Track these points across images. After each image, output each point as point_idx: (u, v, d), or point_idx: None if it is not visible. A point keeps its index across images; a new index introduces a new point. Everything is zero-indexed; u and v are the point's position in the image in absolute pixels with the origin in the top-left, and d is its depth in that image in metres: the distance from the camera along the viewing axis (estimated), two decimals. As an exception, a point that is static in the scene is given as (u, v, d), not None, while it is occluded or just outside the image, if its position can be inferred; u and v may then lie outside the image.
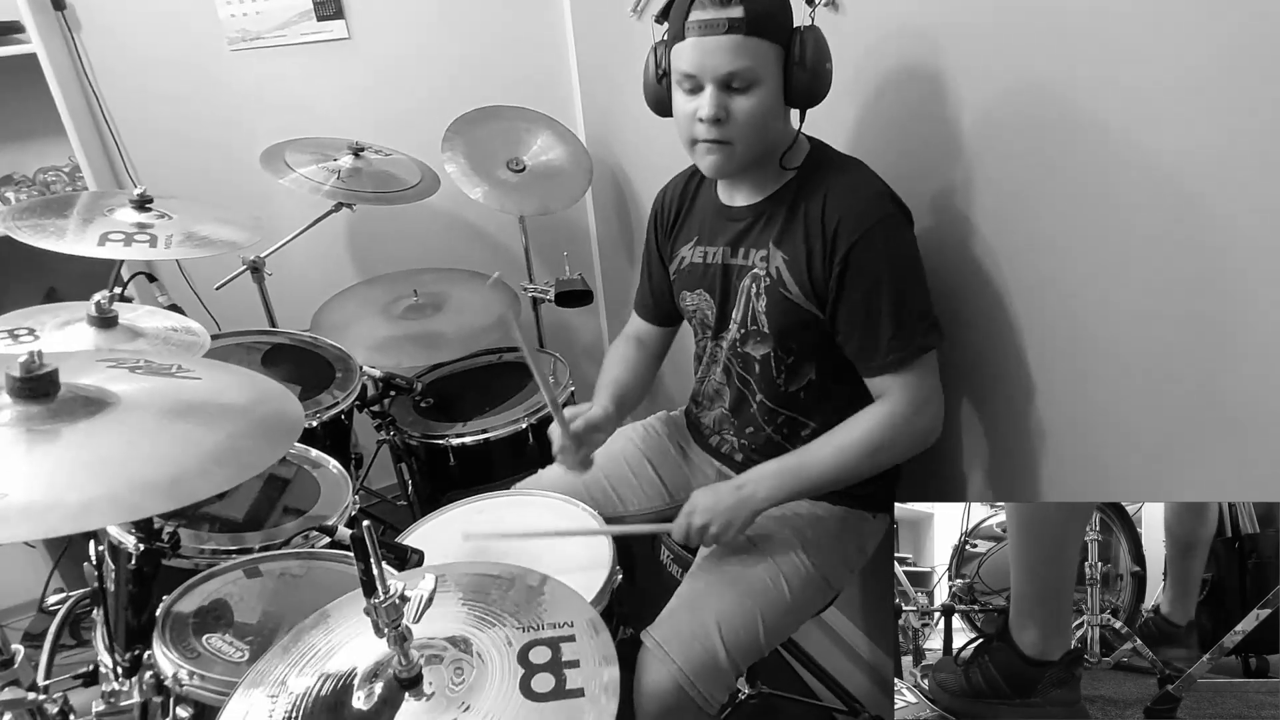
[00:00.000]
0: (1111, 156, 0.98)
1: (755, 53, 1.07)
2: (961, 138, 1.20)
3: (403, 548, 1.17)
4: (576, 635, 0.80)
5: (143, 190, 1.53)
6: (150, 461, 0.67)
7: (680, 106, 1.15)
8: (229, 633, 0.98)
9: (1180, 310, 0.96)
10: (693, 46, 1.09)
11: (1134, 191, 0.97)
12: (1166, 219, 0.94)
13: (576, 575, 1.19)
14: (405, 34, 2.22)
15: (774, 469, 1.21)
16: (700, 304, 1.34)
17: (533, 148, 2.18)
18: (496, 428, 1.82)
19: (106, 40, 1.95)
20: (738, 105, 1.11)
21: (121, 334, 1.24)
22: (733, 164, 1.17)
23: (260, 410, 0.82)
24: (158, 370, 0.85)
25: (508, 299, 2.06)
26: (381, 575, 0.71)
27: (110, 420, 0.73)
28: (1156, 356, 1.01)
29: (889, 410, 1.17)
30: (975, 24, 1.13)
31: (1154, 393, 1.02)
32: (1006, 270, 1.19)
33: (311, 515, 1.29)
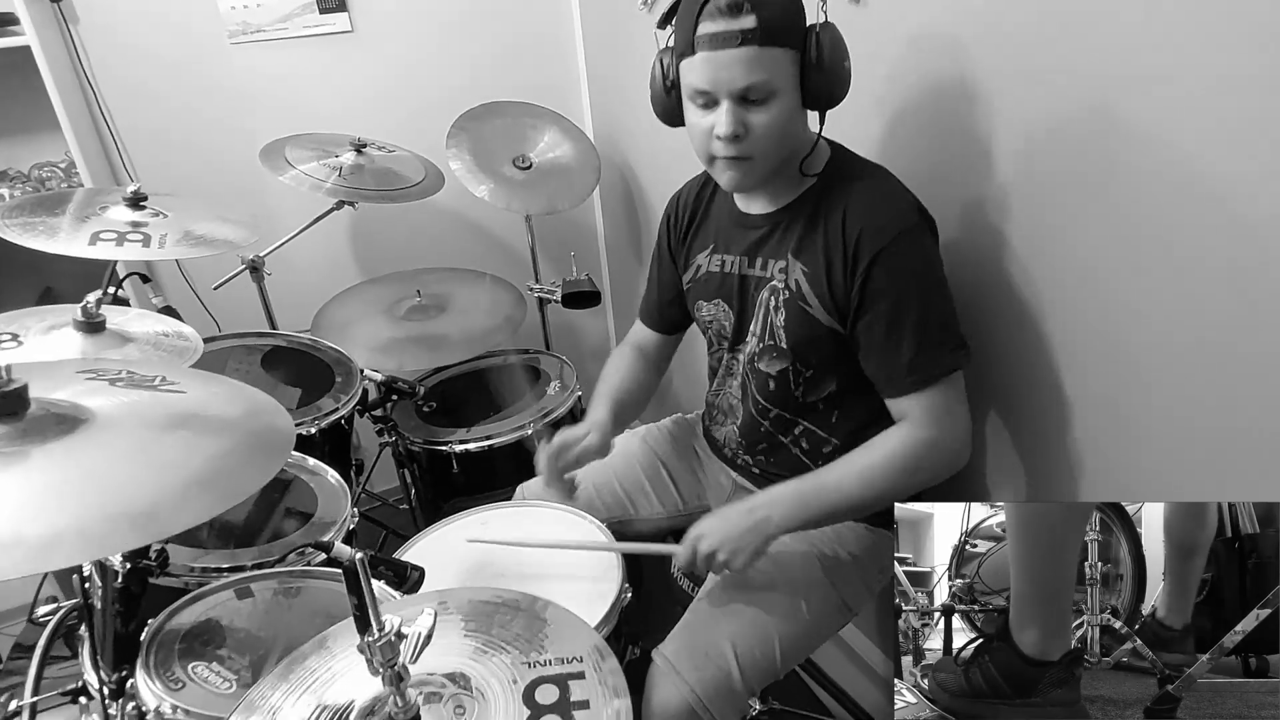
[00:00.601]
0: (1144, 161, 0.95)
1: (771, 63, 1.01)
2: (993, 140, 1.15)
3: (402, 565, 1.11)
4: (586, 672, 0.75)
5: (136, 188, 1.48)
6: (125, 489, 0.62)
7: (695, 122, 1.09)
8: (216, 661, 0.93)
9: (1180, 311, 0.94)
10: (704, 61, 1.02)
11: (1149, 191, 0.94)
12: (1174, 221, 0.92)
13: (584, 594, 1.14)
14: (410, 27, 2.16)
15: (791, 491, 1.13)
16: (717, 314, 1.29)
17: (539, 145, 2.13)
18: (501, 434, 1.77)
19: (104, 33, 1.90)
20: (756, 119, 1.04)
21: (109, 339, 1.19)
22: (753, 178, 1.11)
23: (248, 427, 0.77)
24: (139, 383, 0.80)
25: (513, 298, 2.02)
26: (376, 611, 0.66)
27: (83, 441, 0.67)
28: (1156, 357, 0.99)
29: (912, 433, 1.10)
30: (1011, 23, 1.08)
31: (1154, 393, 1.00)
32: (1006, 271, 1.16)
33: (310, 526, 1.25)
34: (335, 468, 1.42)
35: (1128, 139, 0.96)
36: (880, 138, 1.36)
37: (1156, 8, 0.89)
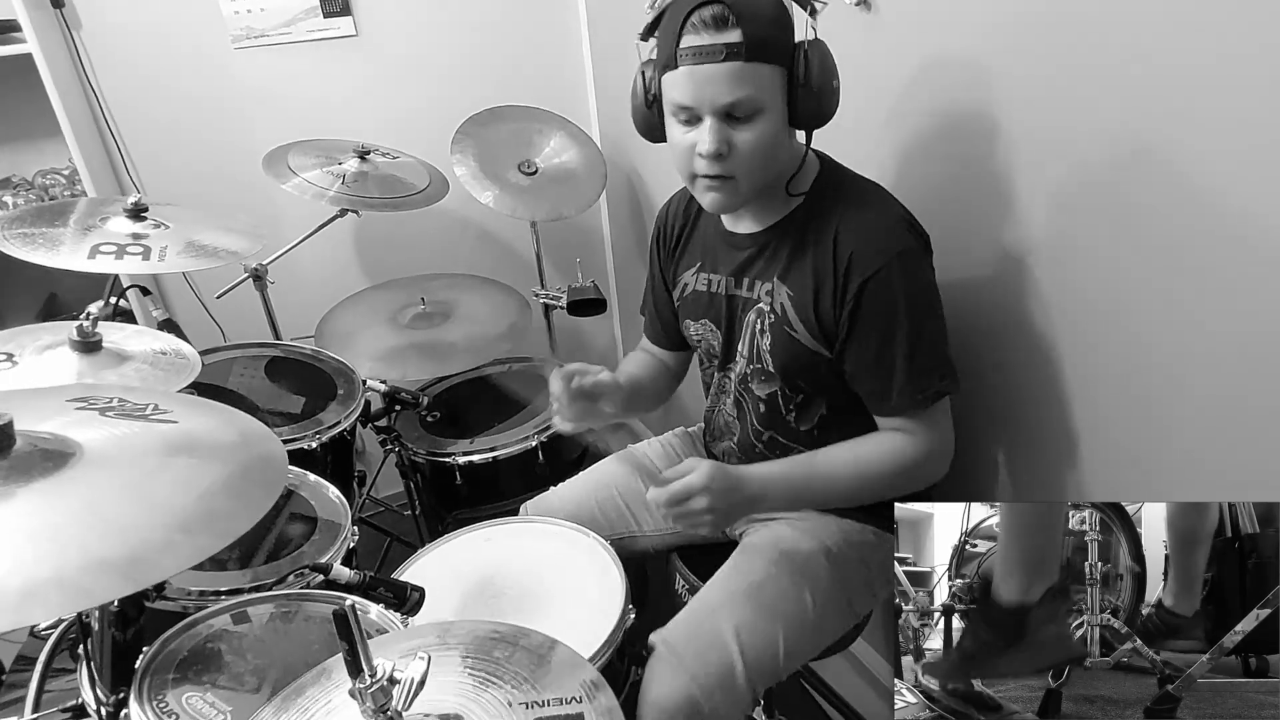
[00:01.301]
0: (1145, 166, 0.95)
1: (757, 79, 0.97)
2: (994, 146, 1.13)
3: (402, 585, 1.09)
4: (585, 714, 0.73)
5: (137, 199, 1.46)
6: (109, 533, 0.60)
7: (677, 139, 1.05)
8: (210, 690, 0.91)
9: (1180, 311, 0.94)
10: (687, 76, 0.99)
11: (1143, 191, 0.94)
12: (1172, 221, 0.92)
13: (586, 616, 1.12)
14: (414, 31, 2.14)
15: (784, 478, 1.12)
16: (705, 334, 1.26)
17: (545, 150, 2.10)
18: (505, 445, 1.75)
19: (106, 39, 1.89)
20: (740, 137, 1.01)
21: (106, 359, 1.17)
22: (737, 199, 1.08)
23: (240, 458, 0.75)
24: (130, 412, 0.78)
25: (518, 304, 1.99)
26: (368, 656, 0.64)
27: (69, 479, 0.65)
28: (1156, 357, 0.99)
29: (908, 440, 1.11)
30: (1021, 37, 1.06)
31: (1154, 393, 1.00)
32: (1007, 275, 1.15)
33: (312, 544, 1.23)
34: (337, 480, 1.40)
35: (1132, 145, 0.95)
36: (881, 148, 1.34)
37: (1176, 24, 0.87)
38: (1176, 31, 0.87)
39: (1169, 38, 0.88)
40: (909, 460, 1.11)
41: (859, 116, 1.31)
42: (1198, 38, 0.85)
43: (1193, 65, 0.86)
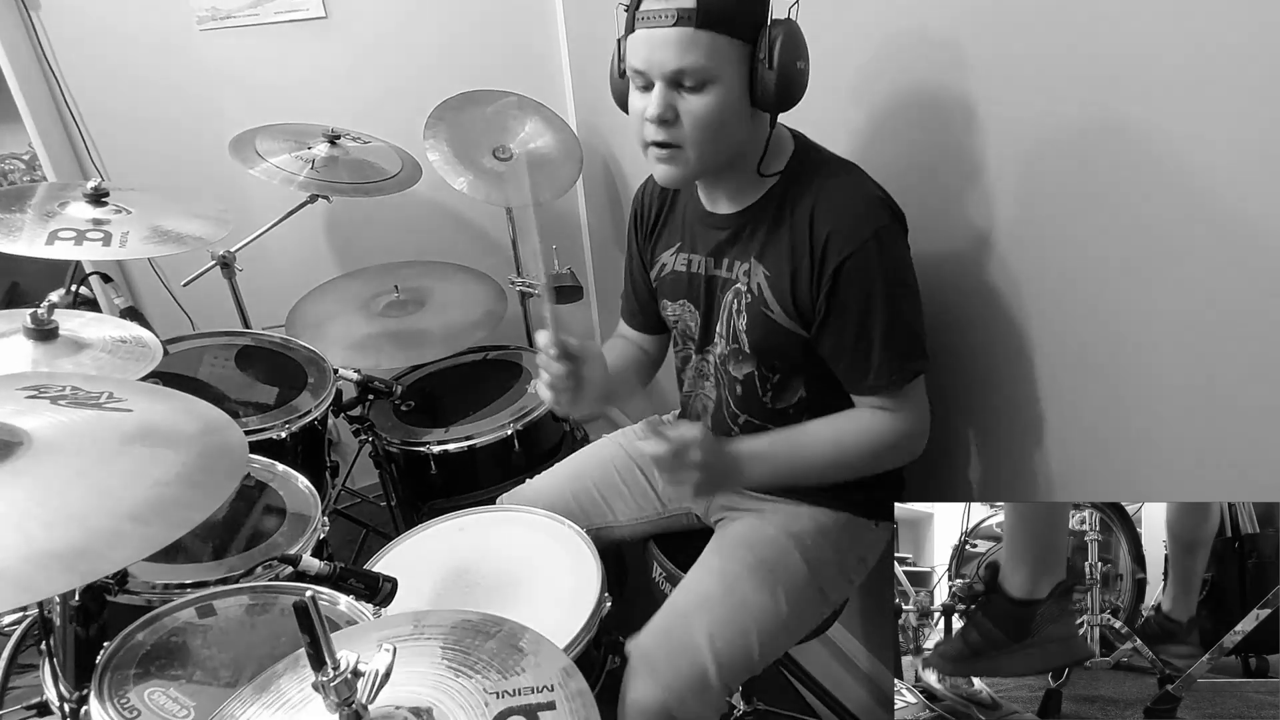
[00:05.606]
0: (1134, 159, 0.94)
1: (708, 49, 0.96)
2: (977, 135, 1.12)
3: (374, 576, 1.08)
4: (556, 702, 0.72)
5: (97, 183, 1.42)
6: (55, 523, 0.58)
7: (633, 105, 1.05)
8: (174, 685, 0.89)
9: (1180, 310, 0.94)
10: (642, 40, 0.98)
11: (1148, 188, 0.93)
12: (1172, 219, 0.92)
13: (562, 605, 1.11)
14: (385, 13, 2.09)
15: (769, 451, 1.13)
16: (683, 314, 1.25)
17: (520, 135, 2.07)
18: (480, 434, 1.73)
19: (66, 19, 1.83)
20: (687, 105, 1.00)
21: (63, 347, 1.13)
22: (687, 171, 1.06)
23: (196, 447, 0.73)
24: (84, 401, 0.76)
25: (494, 292, 1.97)
26: (330, 649, 0.62)
27: (16, 469, 0.63)
28: (1156, 357, 0.98)
29: (887, 418, 1.11)
30: (999, 18, 1.05)
31: (1154, 392, 1.00)
32: (1007, 270, 1.15)
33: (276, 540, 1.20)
34: (308, 471, 1.38)
35: (1117, 136, 0.94)
36: (857, 129, 1.33)
37: (1146, 6, 0.87)
38: (1147, 13, 0.86)
39: (1140, 19, 0.87)
40: (888, 438, 1.11)
41: (834, 95, 1.30)
42: (1169, 20, 0.85)
43: (1169, 48, 0.86)
